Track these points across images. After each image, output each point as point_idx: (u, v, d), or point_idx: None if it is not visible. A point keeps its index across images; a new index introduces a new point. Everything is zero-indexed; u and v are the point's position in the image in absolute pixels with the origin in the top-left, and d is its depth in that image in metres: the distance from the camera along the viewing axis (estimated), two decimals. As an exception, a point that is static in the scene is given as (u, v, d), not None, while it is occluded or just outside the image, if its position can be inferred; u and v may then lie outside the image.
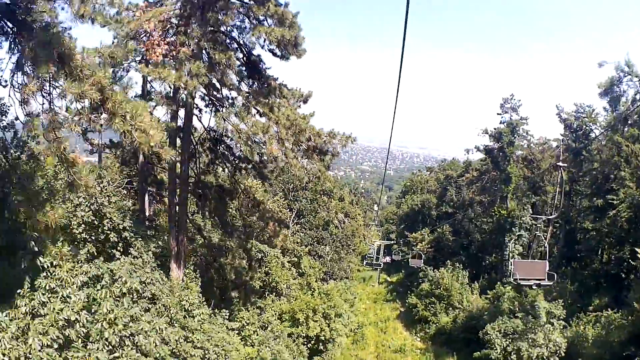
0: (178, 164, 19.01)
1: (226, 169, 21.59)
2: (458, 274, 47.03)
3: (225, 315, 19.81)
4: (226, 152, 21.03)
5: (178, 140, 19.94)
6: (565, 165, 47.17)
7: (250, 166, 20.84)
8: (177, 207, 19.57)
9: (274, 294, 29.39)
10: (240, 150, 20.27)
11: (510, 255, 51.89)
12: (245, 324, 21.90)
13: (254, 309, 24.47)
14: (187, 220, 20.96)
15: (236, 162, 20.95)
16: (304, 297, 31.41)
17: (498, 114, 54.30)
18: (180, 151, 18.62)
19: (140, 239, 16.74)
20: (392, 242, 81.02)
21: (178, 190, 19.62)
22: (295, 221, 45.28)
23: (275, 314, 27.20)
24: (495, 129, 53.54)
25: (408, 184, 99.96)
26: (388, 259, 73.95)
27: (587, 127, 50.44)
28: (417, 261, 49.55)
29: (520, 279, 17.29)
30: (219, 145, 20.75)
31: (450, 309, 43.77)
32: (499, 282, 41.14)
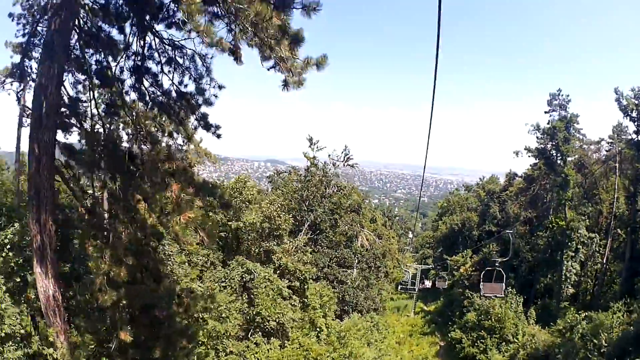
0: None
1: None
2: (511, 301, 38.38)
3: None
4: (153, 88, 13.62)
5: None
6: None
7: (185, 104, 13.39)
8: (38, 165, 11.41)
9: (260, 333, 21.11)
10: (170, 79, 13.14)
11: (567, 274, 43.10)
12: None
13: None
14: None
15: (167, 101, 13.43)
16: (305, 340, 22.45)
17: (545, 112, 48.36)
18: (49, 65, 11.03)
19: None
20: (429, 266, 73.25)
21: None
22: (309, 235, 36.51)
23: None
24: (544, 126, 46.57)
25: (445, 204, 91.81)
26: (427, 283, 65.65)
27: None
28: (496, 286, 32.14)
29: None
30: (141, 76, 13.32)
31: (503, 344, 35.20)
32: (572, 309, 32.29)
